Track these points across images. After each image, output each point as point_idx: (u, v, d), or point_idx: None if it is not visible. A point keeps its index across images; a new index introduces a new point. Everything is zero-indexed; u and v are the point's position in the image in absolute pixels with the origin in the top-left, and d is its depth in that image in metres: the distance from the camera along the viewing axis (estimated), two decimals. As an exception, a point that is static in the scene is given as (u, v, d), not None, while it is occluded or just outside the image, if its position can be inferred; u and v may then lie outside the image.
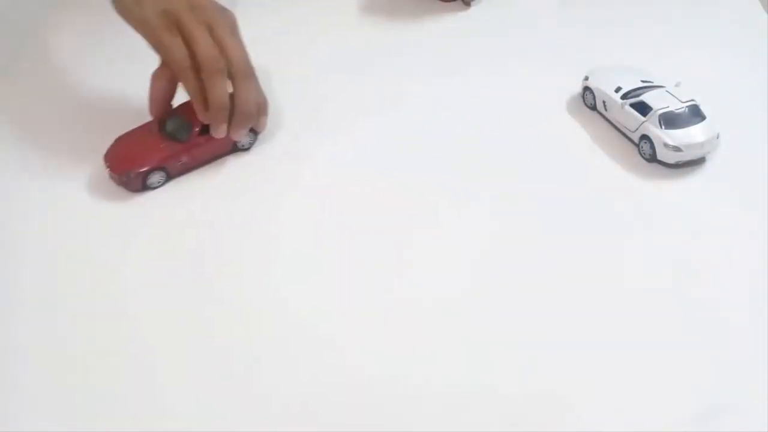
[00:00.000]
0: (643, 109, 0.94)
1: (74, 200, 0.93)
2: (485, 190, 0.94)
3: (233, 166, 0.97)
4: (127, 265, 0.87)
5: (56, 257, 0.88)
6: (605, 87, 0.99)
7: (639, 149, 0.96)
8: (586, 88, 1.02)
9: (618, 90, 0.98)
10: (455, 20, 1.18)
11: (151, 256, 0.88)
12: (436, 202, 0.93)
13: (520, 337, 0.80)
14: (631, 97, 0.96)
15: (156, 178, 0.94)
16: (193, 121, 0.94)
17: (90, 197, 0.94)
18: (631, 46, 1.11)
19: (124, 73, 1.09)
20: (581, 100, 1.03)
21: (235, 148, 0.98)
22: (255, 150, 0.99)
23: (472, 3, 1.20)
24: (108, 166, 0.93)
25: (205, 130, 0.94)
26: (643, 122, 0.94)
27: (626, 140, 0.98)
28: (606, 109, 0.99)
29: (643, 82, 0.98)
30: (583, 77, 1.02)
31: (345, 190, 0.94)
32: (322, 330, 0.81)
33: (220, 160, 0.97)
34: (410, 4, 1.20)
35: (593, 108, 1.01)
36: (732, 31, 1.14)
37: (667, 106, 0.93)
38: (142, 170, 0.92)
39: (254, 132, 0.98)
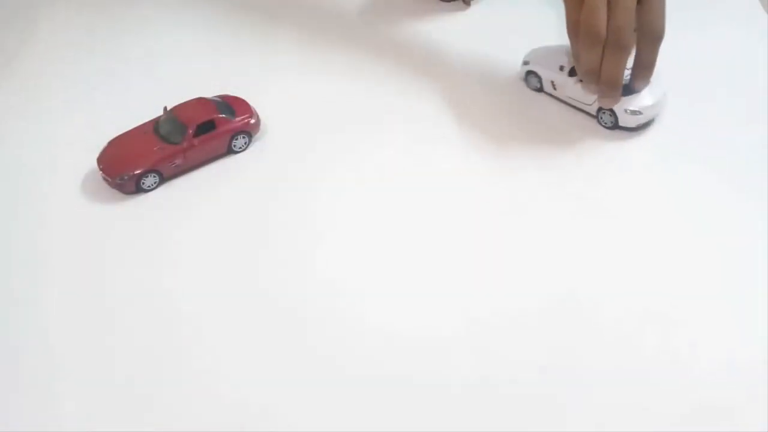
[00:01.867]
0: None
1: (68, 202, 0.93)
2: (470, 178, 0.94)
3: (228, 168, 0.97)
4: (120, 267, 0.87)
5: (50, 258, 0.88)
6: (549, 68, 1.01)
7: (598, 119, 0.99)
8: (529, 72, 1.03)
9: (562, 68, 1.00)
10: (455, 20, 1.18)
11: (145, 258, 0.88)
12: (423, 194, 0.92)
13: (520, 334, 0.79)
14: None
15: (150, 180, 0.93)
16: (187, 123, 0.94)
17: (83, 199, 0.94)
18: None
19: (119, 74, 1.10)
20: (523, 84, 1.05)
21: (229, 150, 0.97)
22: (249, 152, 0.98)
23: (472, 3, 1.20)
24: (101, 169, 0.93)
25: (200, 132, 0.94)
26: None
27: (582, 114, 1.00)
28: (555, 89, 1.01)
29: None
30: (521, 62, 1.05)
31: (340, 190, 0.94)
32: (322, 329, 0.81)
33: (214, 162, 0.97)
34: (410, 4, 1.20)
35: (539, 90, 1.03)
36: (732, 31, 1.13)
37: None
38: (135, 173, 0.92)
39: (248, 135, 0.98)
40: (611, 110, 0.96)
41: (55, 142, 1.00)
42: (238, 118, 0.97)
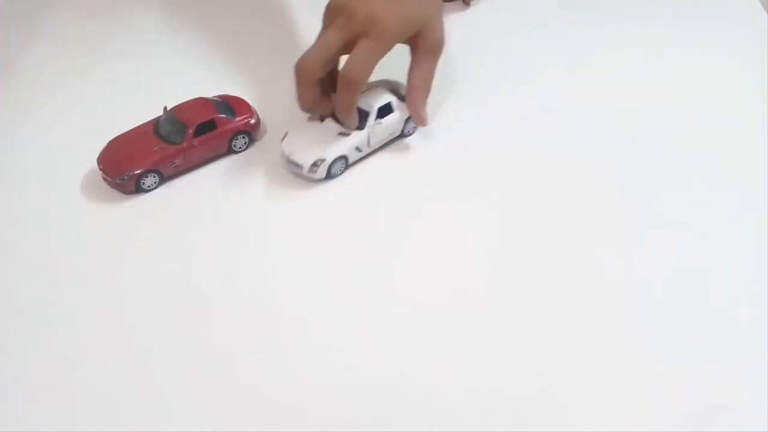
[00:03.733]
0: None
1: (68, 202, 0.93)
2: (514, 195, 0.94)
3: (227, 168, 0.97)
4: (120, 266, 0.87)
5: (50, 259, 0.88)
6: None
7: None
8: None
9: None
10: (455, 20, 1.17)
11: (145, 258, 0.88)
12: (433, 198, 0.92)
13: (524, 337, 0.80)
14: (367, 119, 0.96)
15: (150, 180, 0.93)
16: (187, 123, 0.94)
17: (84, 199, 0.94)
18: (631, 46, 1.11)
19: (119, 74, 1.09)
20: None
21: (229, 150, 0.97)
22: (249, 152, 0.98)
23: (472, 3, 1.19)
24: (101, 169, 0.93)
25: (200, 132, 0.94)
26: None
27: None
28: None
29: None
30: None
31: (340, 189, 0.94)
32: (322, 330, 0.81)
33: (214, 162, 0.97)
34: (410, 5, 1.20)
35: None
36: (732, 31, 1.12)
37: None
38: (135, 173, 0.92)
39: (248, 135, 0.98)
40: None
41: (55, 142, 1.00)
42: (238, 118, 0.97)
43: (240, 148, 0.98)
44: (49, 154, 0.99)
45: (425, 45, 0.95)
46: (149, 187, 0.94)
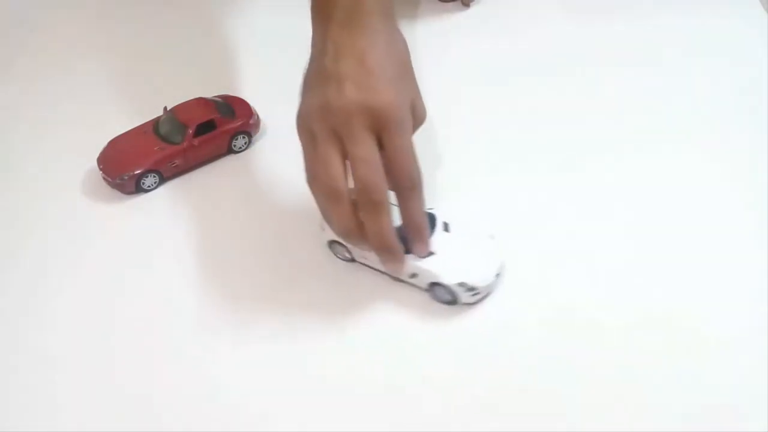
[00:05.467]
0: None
1: (68, 202, 0.93)
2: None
3: (228, 168, 0.97)
4: (120, 267, 0.87)
5: (50, 259, 0.88)
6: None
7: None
8: (332, 241, 0.85)
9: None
10: (455, 20, 1.18)
11: (145, 258, 0.88)
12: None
13: (522, 342, 0.79)
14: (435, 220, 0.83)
15: (150, 180, 0.93)
16: (187, 123, 0.94)
17: (84, 199, 0.94)
18: (630, 45, 1.11)
19: (119, 74, 1.10)
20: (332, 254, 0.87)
21: (229, 150, 0.97)
22: (249, 152, 0.98)
23: (471, 3, 1.19)
24: (101, 169, 0.93)
25: (200, 132, 0.94)
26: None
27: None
28: (367, 257, 0.83)
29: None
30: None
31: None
32: (321, 339, 0.81)
33: (214, 162, 0.97)
34: (410, 4, 1.20)
35: (350, 260, 0.85)
36: (732, 31, 1.12)
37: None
38: (135, 173, 0.92)
39: (248, 135, 0.98)
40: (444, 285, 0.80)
41: (55, 142, 1.00)
42: (238, 118, 0.97)
43: (240, 148, 0.98)
44: (49, 154, 0.99)
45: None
46: (149, 187, 0.94)
